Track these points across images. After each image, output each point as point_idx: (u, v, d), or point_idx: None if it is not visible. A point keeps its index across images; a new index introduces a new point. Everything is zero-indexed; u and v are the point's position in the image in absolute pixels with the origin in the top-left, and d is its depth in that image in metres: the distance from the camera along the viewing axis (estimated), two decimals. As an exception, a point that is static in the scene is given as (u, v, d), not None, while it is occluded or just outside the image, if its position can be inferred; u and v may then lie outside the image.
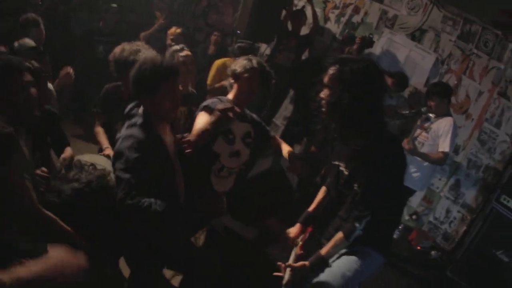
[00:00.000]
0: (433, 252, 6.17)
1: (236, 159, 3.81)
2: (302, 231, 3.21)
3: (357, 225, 2.68)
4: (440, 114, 5.35)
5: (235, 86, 3.70)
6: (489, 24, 6.39)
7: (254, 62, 3.68)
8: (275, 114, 7.20)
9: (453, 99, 6.37)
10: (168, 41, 5.84)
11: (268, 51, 7.20)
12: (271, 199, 4.63)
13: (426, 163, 5.37)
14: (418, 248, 6.04)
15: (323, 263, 2.74)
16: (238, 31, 6.36)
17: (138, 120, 2.91)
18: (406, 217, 6.70)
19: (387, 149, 2.70)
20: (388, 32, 6.86)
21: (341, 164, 2.90)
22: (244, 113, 3.82)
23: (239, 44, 5.97)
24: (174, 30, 5.98)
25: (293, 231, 3.22)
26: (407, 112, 5.68)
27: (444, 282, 5.76)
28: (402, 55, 6.71)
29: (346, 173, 2.85)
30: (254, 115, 3.95)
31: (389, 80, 6.11)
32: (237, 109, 3.35)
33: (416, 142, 5.38)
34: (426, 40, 6.72)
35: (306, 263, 2.77)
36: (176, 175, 3.10)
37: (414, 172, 5.41)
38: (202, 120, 3.41)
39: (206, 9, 7.71)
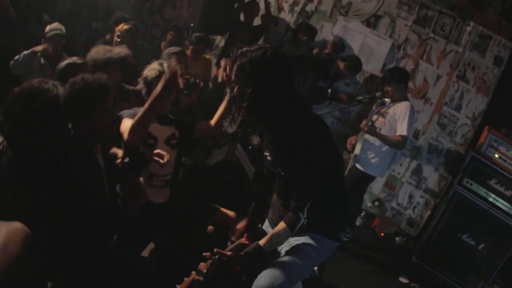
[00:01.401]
0: (397, 238, 6.14)
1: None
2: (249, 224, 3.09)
3: (300, 215, 2.57)
4: (397, 99, 5.29)
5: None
6: (447, 8, 6.38)
7: (165, 66, 3.58)
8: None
9: (410, 84, 6.36)
10: (115, 38, 5.64)
11: (222, 43, 7.07)
12: (225, 190, 4.51)
13: (384, 149, 5.30)
14: (382, 234, 5.99)
15: (260, 254, 2.58)
16: (191, 24, 6.25)
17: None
18: (368, 204, 6.66)
19: (298, 126, 2.58)
20: (343, 19, 6.76)
21: (266, 153, 2.83)
22: (166, 116, 3.68)
23: (196, 34, 5.92)
24: (121, 26, 5.79)
25: (240, 224, 3.14)
26: (362, 97, 5.60)
27: (410, 268, 5.72)
28: (358, 42, 6.63)
29: (269, 159, 2.79)
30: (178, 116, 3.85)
31: (341, 64, 6.12)
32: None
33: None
34: (381, 26, 6.66)
35: (241, 253, 2.62)
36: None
37: (372, 157, 5.33)
38: (128, 122, 3.24)
39: (162, 4, 7.57)
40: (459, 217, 5.66)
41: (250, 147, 5.80)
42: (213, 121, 3.80)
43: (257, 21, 6.87)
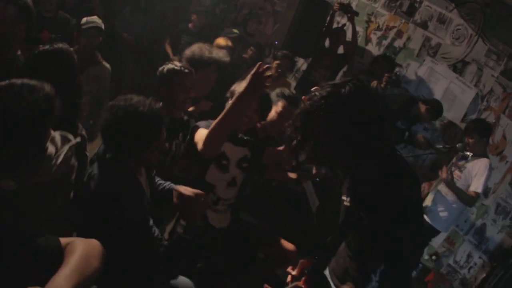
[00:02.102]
0: (448, 298, 5.95)
1: (232, 189, 3.61)
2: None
3: (372, 276, 2.34)
4: (476, 153, 5.13)
5: None
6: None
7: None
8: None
9: (490, 140, 6.14)
10: None
11: (304, 67, 6.97)
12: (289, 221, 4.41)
13: (454, 204, 5.15)
14: (435, 292, 5.80)
15: None
16: (276, 42, 6.18)
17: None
18: (425, 256, 6.43)
19: (392, 182, 2.27)
20: (430, 60, 6.57)
21: (345, 198, 2.52)
22: (241, 136, 3.59)
23: (283, 51, 5.84)
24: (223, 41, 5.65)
25: (303, 262, 2.80)
26: (441, 146, 5.45)
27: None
28: (442, 86, 6.41)
29: (348, 205, 2.49)
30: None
31: (422, 107, 5.94)
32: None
33: None
34: (467, 73, 6.42)
35: None
36: None
37: (441, 211, 5.20)
38: (204, 132, 3.11)
39: (247, 17, 7.51)
40: (514, 284, 5.46)
41: (317, 179, 5.69)
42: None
43: (341, 50, 6.73)
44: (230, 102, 3.05)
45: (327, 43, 6.68)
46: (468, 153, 5.07)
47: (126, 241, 2.48)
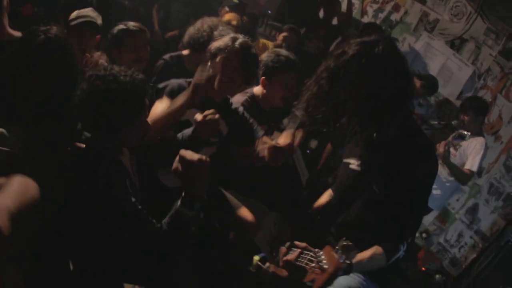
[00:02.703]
0: (437, 276, 5.85)
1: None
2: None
3: (401, 246, 2.33)
4: (472, 131, 5.03)
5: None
6: (537, 44, 6.01)
7: (237, 43, 3.12)
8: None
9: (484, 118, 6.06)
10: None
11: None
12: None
13: (448, 183, 5.05)
14: (423, 269, 5.72)
15: (347, 271, 2.22)
16: (269, 11, 6.04)
17: None
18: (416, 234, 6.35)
19: (422, 147, 2.39)
20: (427, 35, 6.46)
21: (353, 161, 2.52)
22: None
23: (290, 25, 5.67)
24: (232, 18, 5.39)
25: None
26: (436, 123, 5.34)
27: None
28: (438, 62, 6.31)
29: (358, 169, 2.48)
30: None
31: (417, 83, 5.78)
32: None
33: None
34: (465, 51, 6.31)
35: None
36: None
37: (434, 189, 5.07)
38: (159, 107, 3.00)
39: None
40: (506, 267, 5.33)
41: (308, 151, 5.56)
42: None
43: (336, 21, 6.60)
44: (181, 98, 2.88)
45: (321, 13, 6.53)
46: (466, 133, 4.97)
47: (126, 236, 2.30)
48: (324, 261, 2.17)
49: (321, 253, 2.22)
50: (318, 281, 2.12)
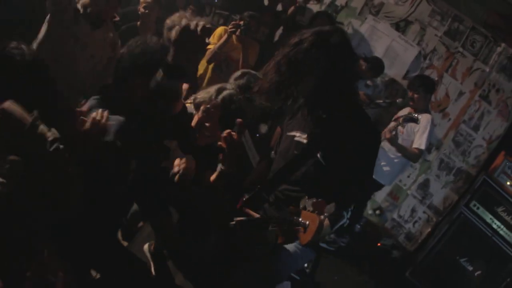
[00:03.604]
0: (394, 251, 5.98)
1: None
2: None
3: (344, 213, 2.45)
4: (420, 109, 5.15)
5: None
6: (480, 25, 6.19)
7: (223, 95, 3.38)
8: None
9: (432, 96, 6.20)
10: (141, 10, 5.33)
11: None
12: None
13: (396, 159, 5.17)
14: (379, 245, 5.84)
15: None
16: (216, 0, 6.08)
17: None
18: (369, 211, 6.49)
19: (368, 123, 2.60)
20: (372, 19, 6.55)
21: (298, 134, 2.64)
22: None
23: (250, 12, 5.61)
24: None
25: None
26: (381, 101, 5.45)
27: (402, 284, 5.60)
28: (384, 44, 6.42)
29: (304, 142, 2.60)
30: None
31: (363, 65, 5.89)
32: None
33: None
34: (410, 32, 6.46)
35: None
36: None
37: (384, 165, 5.22)
38: None
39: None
40: (460, 239, 5.51)
41: (257, 135, 5.63)
42: None
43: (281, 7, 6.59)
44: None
45: (266, 0, 6.56)
46: (415, 115, 5.05)
47: None
48: (303, 221, 2.27)
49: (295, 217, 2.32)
50: (308, 233, 2.24)
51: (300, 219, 2.28)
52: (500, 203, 5.42)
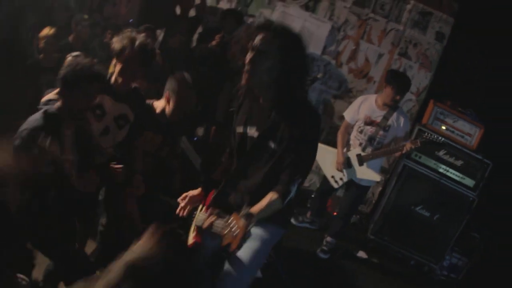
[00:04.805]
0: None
1: (105, 137, 3.59)
2: (203, 195, 3.00)
3: (291, 188, 2.59)
4: (386, 103, 5.09)
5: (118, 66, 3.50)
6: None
7: (137, 39, 3.46)
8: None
9: (352, 65, 6.43)
10: (40, 45, 5.37)
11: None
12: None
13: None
14: (335, 214, 5.95)
15: (251, 220, 2.50)
16: (130, 20, 6.16)
17: None
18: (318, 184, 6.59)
19: (315, 115, 2.73)
20: (281, 5, 6.72)
21: (249, 129, 2.78)
22: (125, 93, 3.58)
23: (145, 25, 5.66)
24: (47, 31, 5.39)
25: (193, 193, 3.00)
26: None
27: (367, 244, 5.80)
28: (297, 26, 6.53)
29: (255, 135, 2.73)
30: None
31: None
32: None
33: None
34: (320, 9, 6.68)
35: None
36: None
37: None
38: None
39: (102, 2, 7.38)
40: (410, 190, 5.77)
41: (195, 138, 5.76)
42: None
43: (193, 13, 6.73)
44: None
45: (178, 10, 6.65)
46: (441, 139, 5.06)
47: None
48: (234, 228, 2.42)
49: (232, 219, 2.46)
50: (233, 244, 2.40)
51: (233, 226, 2.45)
52: (440, 148, 5.66)
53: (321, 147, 4.96)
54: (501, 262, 5.71)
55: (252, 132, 2.75)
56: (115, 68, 3.52)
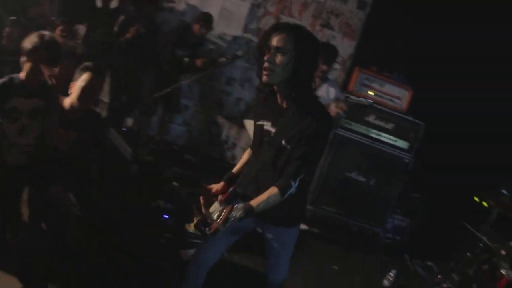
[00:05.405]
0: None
1: (24, 136, 3.54)
2: (225, 189, 3.08)
3: (292, 182, 2.63)
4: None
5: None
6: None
7: (45, 37, 3.45)
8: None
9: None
10: None
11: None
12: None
13: None
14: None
15: (250, 213, 2.60)
16: (53, 18, 6.02)
17: None
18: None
19: (327, 115, 2.81)
20: (199, -11, 6.66)
21: (266, 123, 2.87)
22: (35, 89, 3.54)
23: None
24: None
25: (216, 187, 3.09)
26: (224, 59, 5.57)
27: (307, 217, 5.75)
28: (216, 8, 6.54)
29: (272, 130, 2.82)
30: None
31: (196, 27, 6.01)
32: None
33: None
34: (238, -11, 6.64)
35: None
36: None
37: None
38: None
39: (26, 3, 7.22)
40: (344, 157, 5.80)
41: (124, 129, 5.68)
42: None
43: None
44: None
45: (98, 2, 6.52)
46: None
47: None
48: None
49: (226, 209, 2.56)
50: (212, 228, 2.53)
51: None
52: (369, 113, 5.73)
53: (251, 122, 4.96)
54: (443, 220, 5.77)
55: (269, 127, 2.84)
56: (24, 66, 3.48)
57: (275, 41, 2.64)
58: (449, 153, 5.93)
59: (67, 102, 3.78)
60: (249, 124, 5.36)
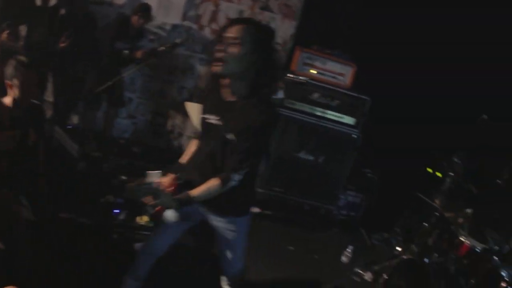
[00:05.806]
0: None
1: None
2: (175, 181, 3.04)
3: (235, 175, 2.66)
4: None
5: None
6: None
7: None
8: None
9: (214, 26, 6.41)
10: None
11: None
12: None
13: None
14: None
15: (189, 202, 2.67)
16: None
17: None
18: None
19: (273, 112, 2.83)
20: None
21: (211, 117, 2.85)
22: None
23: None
24: None
25: (165, 180, 3.00)
26: (163, 48, 5.51)
27: (258, 199, 5.74)
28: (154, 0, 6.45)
29: (218, 124, 2.79)
30: None
31: (134, 19, 5.89)
32: None
33: None
34: (175, -23, 6.57)
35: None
36: None
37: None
38: None
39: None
40: (290, 138, 5.80)
41: (70, 126, 5.62)
42: None
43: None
44: None
45: (38, 1, 6.35)
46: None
47: None
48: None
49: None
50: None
51: None
52: (312, 91, 5.75)
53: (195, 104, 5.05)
54: (397, 193, 5.73)
55: (214, 121, 2.81)
56: None
57: (231, 31, 2.62)
58: (396, 134, 5.92)
59: (8, 100, 3.71)
60: (191, 106, 5.32)
